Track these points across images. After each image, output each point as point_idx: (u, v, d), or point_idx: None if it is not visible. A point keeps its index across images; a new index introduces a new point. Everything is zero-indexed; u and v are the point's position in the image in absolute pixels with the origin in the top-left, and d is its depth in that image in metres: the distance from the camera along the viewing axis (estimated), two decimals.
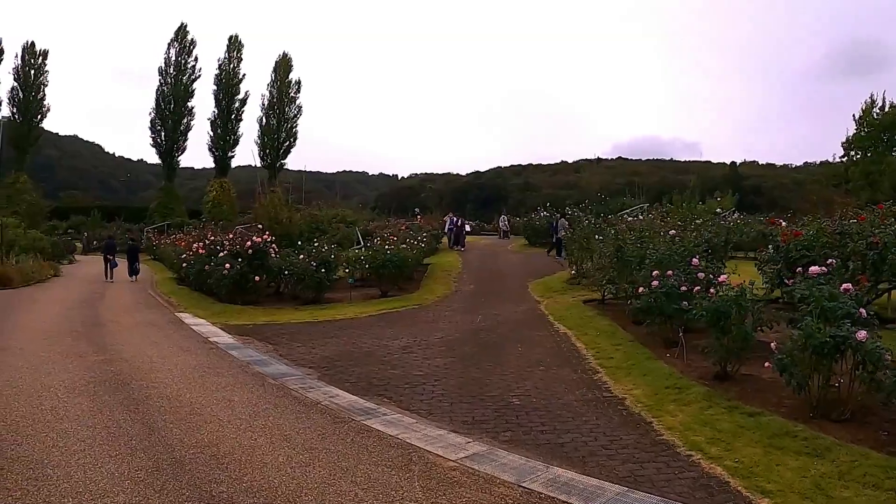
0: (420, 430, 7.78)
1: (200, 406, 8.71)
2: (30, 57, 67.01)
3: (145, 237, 46.53)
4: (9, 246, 30.58)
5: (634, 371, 10.36)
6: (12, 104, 65.67)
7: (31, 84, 66.50)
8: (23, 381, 9.67)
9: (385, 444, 7.30)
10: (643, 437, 7.56)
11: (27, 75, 65.97)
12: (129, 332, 14.70)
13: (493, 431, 7.82)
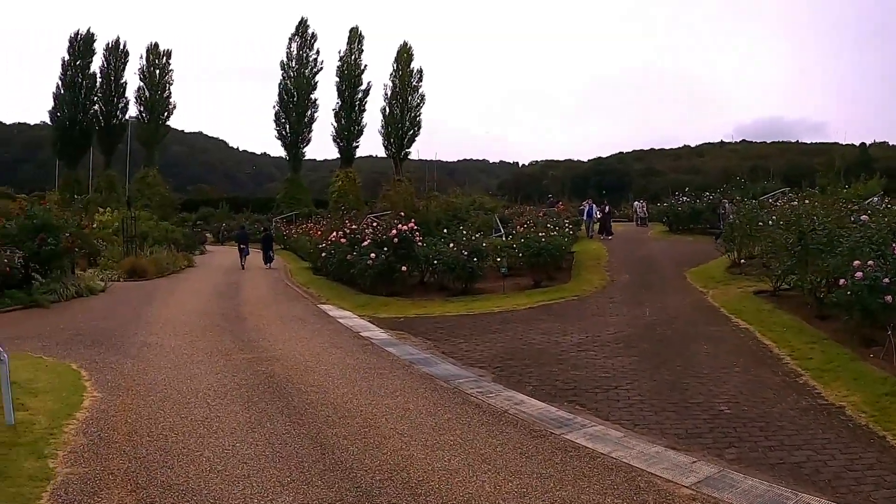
0: (633, 447, 6.85)
1: (373, 416, 7.68)
2: (154, 57, 71.75)
3: (274, 227, 47.56)
4: (142, 238, 31.38)
5: (842, 374, 9.33)
6: (139, 103, 70.72)
7: (157, 83, 71.28)
8: (168, 385, 8.96)
9: (600, 465, 6.33)
10: (883, 455, 6.66)
11: (152, 75, 70.98)
12: (274, 327, 14.06)
13: (713, 447, 6.94)
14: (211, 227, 60.69)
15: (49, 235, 18.15)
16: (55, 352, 11.07)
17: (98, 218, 36.08)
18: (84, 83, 70.59)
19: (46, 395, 8.16)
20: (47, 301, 16.99)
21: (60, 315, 15.49)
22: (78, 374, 9.41)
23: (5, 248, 17.52)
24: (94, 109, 70.58)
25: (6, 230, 18.49)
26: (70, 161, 68.86)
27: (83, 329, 13.44)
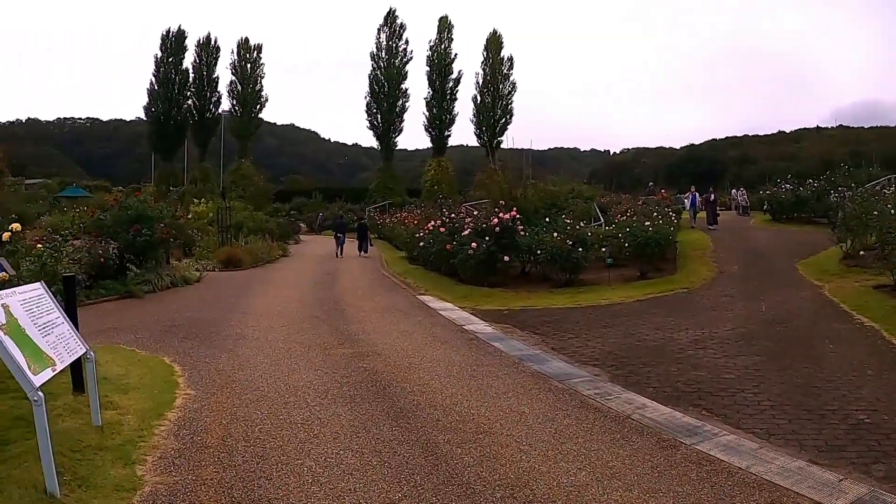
0: (771, 461, 6.09)
1: (486, 421, 6.96)
2: (245, 52, 75.11)
3: (368, 216, 47.90)
4: (237, 228, 31.72)
5: None
6: (232, 97, 74.38)
7: (248, 77, 74.60)
8: (265, 382, 8.48)
9: (740, 483, 5.57)
10: None
11: (243, 69, 75.20)
12: (374, 319, 13.55)
13: (858, 462, 6.13)
14: (305, 216, 61.69)
15: (143, 226, 18.27)
16: (148, 345, 10.86)
17: (193, 209, 36.85)
18: (177, 79, 74.25)
19: (137, 392, 7.81)
20: (142, 291, 17.09)
21: (155, 306, 15.49)
22: (171, 370, 9.08)
23: (100, 239, 17.70)
24: (187, 104, 74.30)
25: (101, 221, 18.72)
26: (166, 155, 72.03)
27: (177, 320, 13.29)
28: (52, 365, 5.26)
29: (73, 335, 6.08)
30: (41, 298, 5.90)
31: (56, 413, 6.69)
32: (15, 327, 5.09)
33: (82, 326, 12.67)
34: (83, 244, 17.39)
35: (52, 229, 20.76)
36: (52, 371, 5.21)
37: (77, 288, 15.73)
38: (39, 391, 4.76)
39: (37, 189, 55.69)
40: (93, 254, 16.90)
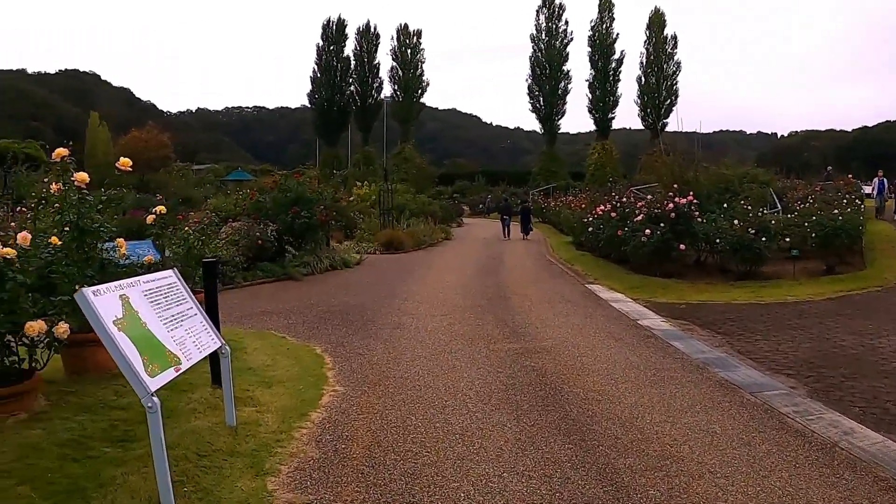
0: None
1: (672, 442, 5.84)
2: (404, 38, 78.23)
3: (531, 200, 47.21)
4: (399, 210, 31.68)
5: None
6: (393, 82, 77.95)
7: (409, 63, 77.56)
8: (422, 380, 7.73)
9: None
10: None
11: (404, 55, 78.65)
12: (541, 309, 12.57)
13: None
14: (467, 199, 61.82)
15: (303, 208, 18.23)
16: (300, 332, 10.47)
17: (356, 191, 37.32)
18: (339, 66, 77.97)
19: (282, 386, 7.27)
20: (300, 274, 17.04)
21: (312, 289, 15.31)
22: (321, 361, 8.55)
23: (259, 221, 17.80)
24: (349, 91, 77.73)
25: (260, 203, 18.87)
26: (330, 139, 75.28)
27: (334, 306, 12.93)
28: (175, 364, 4.69)
29: (207, 328, 5.53)
30: (171, 287, 5.38)
31: (190, 408, 6.26)
32: (134, 322, 4.55)
33: (236, 309, 12.74)
34: (242, 226, 17.55)
35: (215, 211, 21.35)
36: (174, 371, 4.63)
37: (235, 270, 16.08)
38: (155, 397, 4.18)
39: (204, 174, 58.71)
40: (251, 236, 17.01)
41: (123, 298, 4.59)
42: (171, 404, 6.36)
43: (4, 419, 5.80)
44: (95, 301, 4.28)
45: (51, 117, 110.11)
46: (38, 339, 5.85)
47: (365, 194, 36.62)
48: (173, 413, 6.13)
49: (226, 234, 17.49)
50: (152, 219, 8.37)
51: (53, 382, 6.58)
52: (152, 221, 8.37)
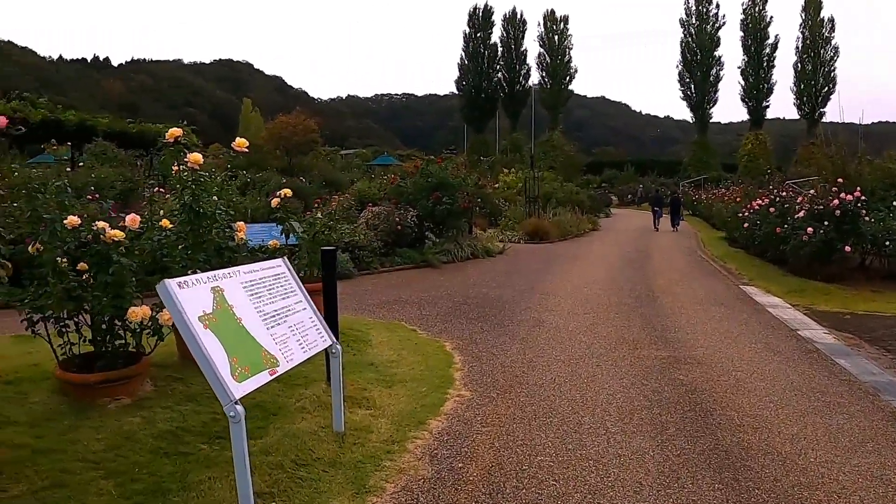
0: None
1: (841, 489, 4.74)
2: (551, 24, 77.83)
3: (681, 191, 45.13)
4: (545, 198, 30.73)
5: None
6: (541, 69, 78.58)
7: (556, 49, 77.26)
8: (557, 389, 6.87)
9: None
10: None
11: (551, 41, 78.01)
12: (691, 312, 11.35)
13: None
14: (616, 189, 60.01)
15: (444, 194, 17.68)
16: (432, 324, 9.88)
17: (502, 178, 36.64)
18: (486, 53, 78.19)
19: (403, 387, 6.66)
20: (439, 261, 16.54)
21: (450, 278, 14.74)
22: (449, 359, 7.87)
23: (399, 206, 17.41)
24: (497, 77, 77.57)
25: (401, 188, 18.49)
26: (477, 126, 75.57)
27: (470, 297, 12.28)
28: (271, 366, 4.12)
29: (316, 324, 4.95)
30: (278, 279, 4.85)
31: (298, 406, 5.75)
32: (225, 318, 4.01)
33: (369, 297, 12.27)
34: (382, 210, 17.22)
35: (360, 195, 21.25)
36: (268, 375, 4.06)
37: (372, 255, 15.76)
38: (239, 405, 3.61)
39: (352, 158, 59.68)
40: (390, 221, 16.64)
41: (216, 291, 4.06)
42: (280, 401, 5.88)
43: (107, 403, 5.56)
44: (179, 294, 3.75)
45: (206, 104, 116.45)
46: (142, 325, 5.54)
47: (511, 181, 35.84)
48: (279, 411, 5.66)
49: (365, 218, 17.26)
50: (277, 202, 7.95)
51: (164, 367, 6.28)
52: (277, 205, 7.95)
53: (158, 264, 6.05)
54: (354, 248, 15.44)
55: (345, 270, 14.35)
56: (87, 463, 4.64)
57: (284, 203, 8.02)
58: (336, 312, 6.34)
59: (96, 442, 4.99)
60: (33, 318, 5.78)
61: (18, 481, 4.44)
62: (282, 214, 7.98)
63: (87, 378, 5.66)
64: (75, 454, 4.79)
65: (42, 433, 5.21)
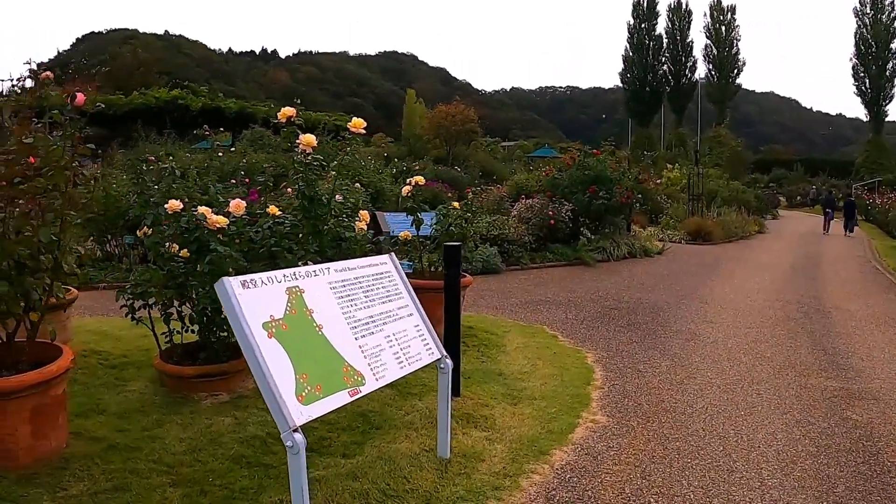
0: None
1: None
2: (718, 14, 73.43)
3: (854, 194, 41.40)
4: (709, 197, 28.69)
5: None
6: (707, 61, 74.11)
7: (723, 40, 73.00)
8: (709, 421, 5.71)
9: None
10: None
11: (718, 32, 74.11)
12: (868, 333, 9.59)
13: None
14: (784, 190, 55.98)
15: (601, 188, 16.49)
16: (576, 330, 8.87)
17: (665, 174, 34.80)
18: (650, 45, 75.26)
19: (530, 405, 5.74)
20: (592, 259, 15.42)
21: (603, 279, 13.59)
22: (588, 375, 6.85)
23: (554, 199, 16.43)
24: (662, 70, 74.33)
25: (556, 180, 17.45)
26: (642, 120, 73.02)
27: (622, 301, 11.15)
28: (355, 384, 3.37)
29: (424, 333, 4.17)
30: (380, 278, 4.11)
31: (406, 420, 5.05)
32: (300, 324, 3.30)
33: (513, 295, 11.32)
34: (535, 203, 16.30)
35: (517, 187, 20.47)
36: (348, 396, 3.31)
37: (521, 250, 14.89)
38: (298, 433, 2.88)
39: (513, 149, 58.89)
40: (543, 214, 15.68)
41: (293, 292, 3.35)
42: (388, 412, 5.18)
43: (203, 399, 5.19)
44: (241, 295, 3.07)
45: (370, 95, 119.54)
46: None
47: (675, 178, 33.84)
48: (384, 425, 4.95)
49: (518, 210, 16.42)
50: (408, 190, 7.27)
51: None
52: (408, 193, 7.26)
53: (268, 254, 5.51)
54: (504, 241, 14.67)
55: (492, 265, 13.64)
56: (161, 466, 4.23)
57: (416, 191, 7.33)
58: (458, 316, 5.57)
59: (178, 442, 4.56)
60: (134, 305, 5.46)
61: (81, 479, 4.07)
62: (412, 204, 7.30)
63: (183, 371, 5.26)
64: (151, 454, 4.39)
65: (126, 427, 4.84)
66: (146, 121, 29.40)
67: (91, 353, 6.60)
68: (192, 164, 15.83)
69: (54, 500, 3.88)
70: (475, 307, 10.26)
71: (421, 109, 61.06)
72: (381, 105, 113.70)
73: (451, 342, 5.50)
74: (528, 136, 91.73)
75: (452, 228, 7.67)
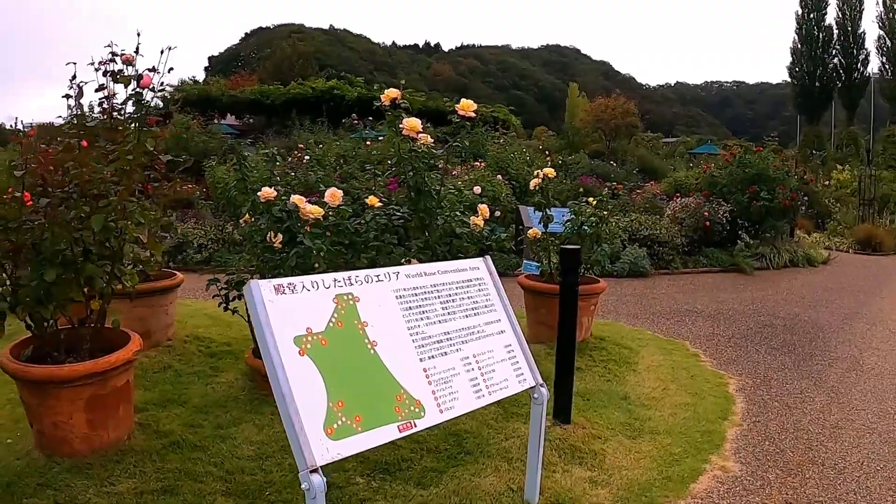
0: None
1: None
2: (891, 2, 65.15)
3: None
4: (882, 202, 25.96)
5: None
6: (881, 54, 65.77)
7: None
8: (865, 482, 4.56)
9: None
10: None
11: (892, 22, 65.36)
12: None
13: None
14: None
15: (762, 188, 14.98)
16: (721, 350, 7.78)
17: (835, 175, 31.97)
18: (820, 36, 69.48)
19: (651, 440, 4.87)
20: (750, 267, 13.96)
21: (759, 289, 12.21)
22: (727, 406, 5.80)
23: (711, 198, 15.12)
24: (832, 63, 68.32)
25: (714, 179, 16.05)
26: (810, 117, 68.12)
27: (778, 316, 9.83)
28: (409, 417, 2.72)
29: (514, 355, 3.46)
30: (468, 286, 3.43)
31: (501, 448, 4.36)
32: (346, 341, 2.68)
33: (658, 303, 10.17)
34: (691, 202, 15.04)
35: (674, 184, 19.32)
36: (397, 430, 2.65)
37: (672, 253, 13.72)
38: (318, 474, 2.28)
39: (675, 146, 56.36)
40: (697, 215, 14.42)
41: (344, 301, 2.74)
42: (483, 435, 4.54)
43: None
44: (271, 302, 2.51)
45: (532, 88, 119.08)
46: None
47: (844, 179, 30.96)
48: (475, 450, 4.29)
49: (672, 210, 15.25)
50: (536, 183, 6.52)
51: None
52: (535, 186, 6.53)
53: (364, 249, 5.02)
54: (654, 242, 13.61)
55: (639, 267, 12.69)
56: (219, 471, 3.91)
57: (546, 185, 6.58)
58: (572, 330, 4.81)
59: (247, 446, 4.20)
60: (228, 295, 5.26)
61: (132, 476, 3.81)
62: (540, 199, 6.56)
63: None
64: (215, 456, 4.07)
65: (200, 422, 4.54)
66: (302, 110, 30.30)
67: (193, 340, 6.46)
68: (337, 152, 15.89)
69: (99, 495, 3.63)
70: (614, 313, 9.42)
71: (583, 103, 59.91)
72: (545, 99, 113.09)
73: (563, 361, 4.77)
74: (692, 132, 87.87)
75: (585, 227, 6.85)
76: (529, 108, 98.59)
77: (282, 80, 39.16)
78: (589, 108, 51.73)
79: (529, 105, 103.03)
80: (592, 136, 48.54)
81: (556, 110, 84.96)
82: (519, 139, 29.07)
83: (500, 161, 16.47)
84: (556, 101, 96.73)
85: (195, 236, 12.37)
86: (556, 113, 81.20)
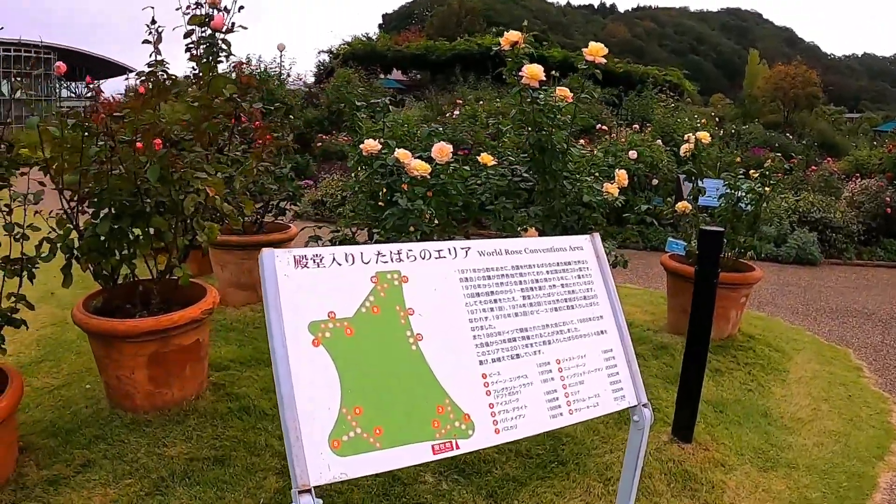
0: None
1: None
2: None
3: None
4: None
5: None
6: None
7: None
8: None
9: None
10: None
11: None
12: None
13: None
14: None
15: None
16: (891, 368, 6.52)
17: None
18: None
19: (785, 478, 3.98)
20: None
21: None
22: (887, 443, 4.75)
23: (894, 181, 13.39)
24: None
25: None
26: None
27: None
28: (449, 435, 2.13)
29: (613, 365, 2.78)
30: (567, 270, 2.78)
31: (601, 462, 3.75)
32: (381, 332, 2.12)
33: (827, 297, 9.18)
34: (872, 185, 13.33)
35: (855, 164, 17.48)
36: (430, 452, 2.08)
37: (847, 241, 12.21)
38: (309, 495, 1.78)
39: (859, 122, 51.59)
40: (878, 200, 12.77)
41: (386, 280, 2.20)
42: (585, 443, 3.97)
43: None
44: (287, 277, 2.04)
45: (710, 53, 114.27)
46: None
47: None
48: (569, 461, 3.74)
49: (851, 192, 13.65)
50: (687, 149, 5.71)
51: None
52: (686, 153, 5.72)
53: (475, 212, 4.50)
54: (826, 227, 12.21)
55: (808, 254, 11.48)
56: (281, 446, 3.70)
57: (700, 151, 5.75)
58: (706, 331, 4.06)
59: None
60: None
61: (189, 440, 3.67)
62: (691, 168, 5.75)
63: None
64: (279, 428, 3.79)
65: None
66: (467, 66, 30.18)
67: None
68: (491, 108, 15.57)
69: (148, 455, 3.44)
70: (771, 305, 8.43)
71: (764, 71, 56.22)
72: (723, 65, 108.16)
73: (691, 367, 4.06)
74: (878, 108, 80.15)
75: (742, 205, 5.94)
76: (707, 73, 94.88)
77: (448, 36, 39.11)
78: (768, 76, 48.39)
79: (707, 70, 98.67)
80: (770, 105, 45.69)
81: (735, 77, 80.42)
82: (693, 105, 27.47)
83: (666, 126, 15.58)
84: (734, 68, 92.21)
85: (336, 188, 12.33)
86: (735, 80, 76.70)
